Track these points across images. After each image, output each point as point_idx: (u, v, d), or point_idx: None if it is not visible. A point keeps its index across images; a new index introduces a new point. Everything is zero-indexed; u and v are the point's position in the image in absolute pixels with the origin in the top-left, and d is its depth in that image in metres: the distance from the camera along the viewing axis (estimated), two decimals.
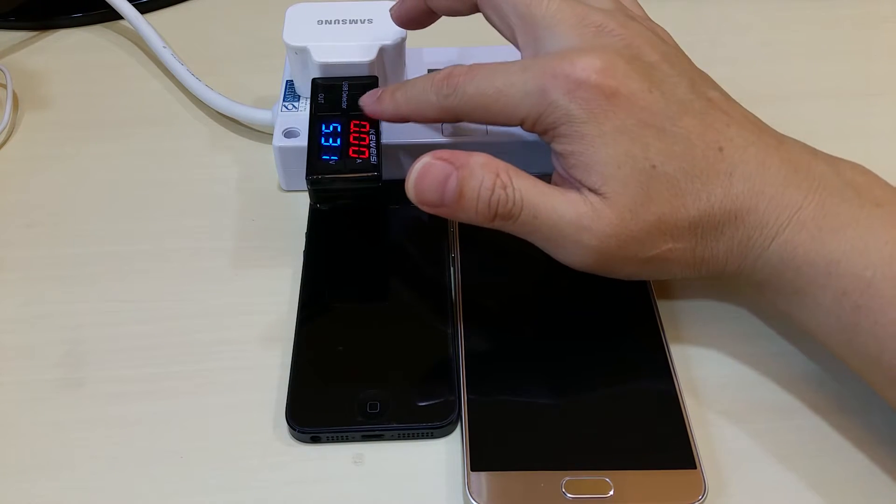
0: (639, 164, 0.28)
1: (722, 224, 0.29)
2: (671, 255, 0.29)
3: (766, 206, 0.28)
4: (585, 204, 0.29)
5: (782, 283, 0.29)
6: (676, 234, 0.29)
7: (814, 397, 0.32)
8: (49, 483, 0.30)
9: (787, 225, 0.28)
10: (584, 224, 0.29)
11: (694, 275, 0.31)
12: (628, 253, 0.29)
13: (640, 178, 0.28)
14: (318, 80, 0.37)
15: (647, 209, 0.28)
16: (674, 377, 0.31)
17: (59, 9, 0.50)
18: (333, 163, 0.33)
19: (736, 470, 0.30)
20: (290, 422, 0.30)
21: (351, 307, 0.34)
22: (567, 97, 0.28)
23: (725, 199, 0.28)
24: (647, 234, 0.29)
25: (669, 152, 0.28)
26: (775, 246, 0.28)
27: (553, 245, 0.30)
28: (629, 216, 0.28)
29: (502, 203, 0.29)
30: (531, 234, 0.30)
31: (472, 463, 0.29)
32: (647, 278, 0.33)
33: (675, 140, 0.28)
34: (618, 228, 0.28)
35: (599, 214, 0.28)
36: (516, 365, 0.32)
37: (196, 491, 0.29)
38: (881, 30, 0.51)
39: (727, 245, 0.29)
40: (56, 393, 0.32)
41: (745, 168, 0.29)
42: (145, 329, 0.34)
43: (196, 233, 0.38)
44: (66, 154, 0.42)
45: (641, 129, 0.28)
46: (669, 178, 0.28)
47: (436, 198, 0.29)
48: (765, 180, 0.28)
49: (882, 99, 0.46)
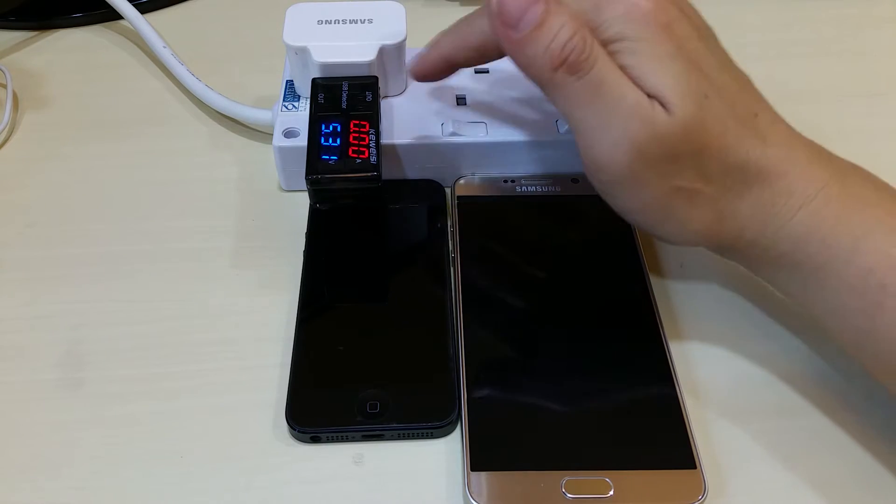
0: (694, 88, 0.27)
1: (751, 180, 0.28)
2: (698, 196, 0.28)
3: (796, 175, 0.28)
4: (649, 101, 0.27)
5: (803, 259, 0.28)
6: (710, 173, 0.28)
7: (814, 397, 0.32)
8: (49, 483, 0.30)
9: (814, 197, 0.28)
10: (641, 113, 0.27)
11: (706, 235, 0.30)
12: (664, 170, 0.28)
13: (697, 101, 0.27)
14: (318, 80, 0.37)
15: (699, 132, 0.27)
16: (674, 377, 0.31)
17: (59, 9, 0.50)
18: (333, 163, 0.33)
19: (736, 470, 0.30)
20: (290, 422, 0.30)
21: (351, 307, 0.34)
22: (622, 17, 0.27)
23: (761, 157, 0.28)
24: (690, 158, 0.28)
25: (719, 94, 0.28)
26: (801, 216, 0.28)
27: (601, 124, 0.28)
28: (681, 129, 0.27)
29: (578, 51, 0.27)
30: (586, 103, 0.28)
31: (472, 463, 0.29)
32: (656, 224, 0.30)
33: (721, 88, 0.28)
34: (670, 135, 0.27)
35: (656, 113, 0.27)
36: (516, 365, 0.32)
37: (196, 491, 0.29)
38: (881, 30, 0.51)
39: (751, 206, 0.29)
40: (56, 393, 0.32)
41: (776, 137, 0.29)
42: (145, 329, 0.34)
43: (196, 233, 0.38)
44: (66, 154, 0.42)
45: (693, 64, 0.28)
46: (720, 114, 0.28)
47: (516, 14, 0.27)
48: (794, 153, 0.29)
49: (882, 99, 0.46)
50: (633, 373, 0.32)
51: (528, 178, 0.38)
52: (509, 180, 0.38)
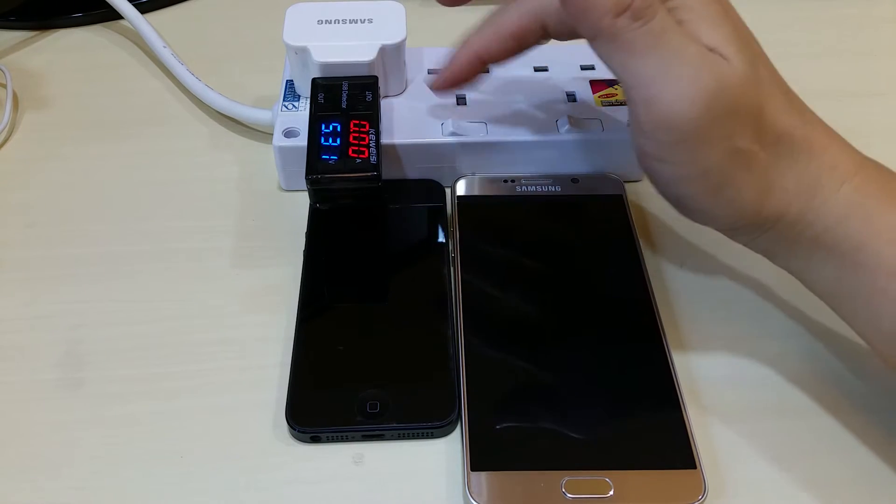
0: (746, 46, 0.27)
1: (799, 150, 0.28)
2: (754, 161, 0.27)
3: (837, 151, 0.28)
4: (711, 53, 0.27)
5: (843, 237, 0.28)
6: (765, 138, 0.27)
7: (814, 397, 0.32)
8: (49, 483, 0.30)
9: (856, 173, 0.28)
10: (708, 62, 0.26)
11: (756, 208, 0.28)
12: (727, 129, 0.26)
13: (752, 59, 0.27)
14: (318, 80, 0.37)
15: (756, 91, 0.27)
16: (674, 377, 0.31)
17: (59, 9, 0.50)
18: (333, 162, 0.34)
19: (736, 470, 0.30)
20: (290, 422, 0.30)
21: (351, 307, 0.34)
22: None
23: (804, 127, 0.28)
24: (750, 116, 0.27)
25: (765, 61, 0.28)
26: (845, 190, 0.28)
27: (665, 74, 0.26)
28: (742, 83, 0.26)
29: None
30: (650, 51, 0.26)
31: (472, 463, 0.29)
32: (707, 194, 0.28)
33: (763, 59, 0.28)
34: (734, 84, 0.26)
35: (722, 65, 0.26)
36: (516, 365, 0.32)
37: (196, 491, 0.29)
38: (881, 30, 0.51)
39: (797, 178, 0.28)
40: (56, 393, 0.32)
41: (812, 115, 0.29)
42: (145, 329, 0.34)
43: (196, 233, 0.38)
44: (66, 154, 0.42)
45: (742, 29, 0.28)
46: (768, 79, 0.28)
47: None
48: (831, 132, 0.29)
49: (882, 99, 0.46)
50: (633, 373, 0.32)
51: (528, 178, 0.38)
52: (509, 180, 0.38)
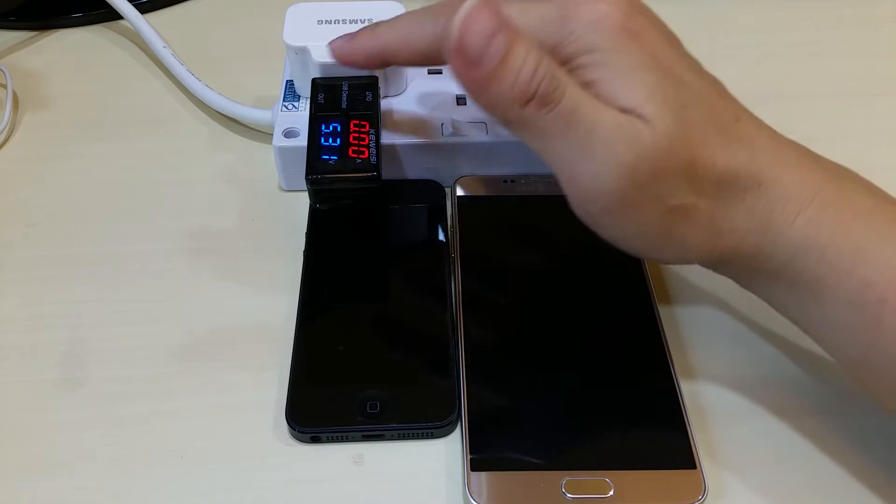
0: (671, 99, 0.26)
1: (745, 189, 0.27)
2: (693, 213, 0.27)
3: (789, 180, 0.27)
4: (627, 118, 0.26)
5: (801, 270, 0.27)
6: (702, 187, 0.27)
7: (814, 398, 0.32)
8: (49, 483, 0.30)
9: (810, 202, 0.27)
10: (623, 134, 0.25)
11: (707, 251, 0.28)
12: (656, 191, 0.26)
13: (675, 112, 0.26)
14: (318, 80, 0.37)
15: (683, 145, 0.26)
16: (674, 377, 0.31)
17: (59, 9, 0.50)
18: (333, 163, 0.33)
19: (736, 470, 0.30)
20: (290, 422, 0.30)
21: (351, 307, 0.34)
22: (589, 28, 0.26)
23: (751, 163, 0.27)
24: (680, 173, 0.26)
25: (696, 102, 0.27)
26: (799, 223, 0.27)
27: (581, 154, 0.26)
28: (666, 144, 0.26)
29: (546, 83, 0.25)
30: (562, 134, 0.26)
31: (472, 463, 0.29)
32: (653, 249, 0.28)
33: (699, 94, 0.27)
34: (656, 151, 0.26)
35: (640, 130, 0.26)
36: (516, 365, 0.32)
37: (196, 491, 0.29)
38: (881, 30, 0.51)
39: (747, 216, 0.27)
40: (56, 393, 0.32)
41: (762, 141, 0.28)
42: (145, 329, 0.34)
43: (196, 233, 0.38)
44: (66, 154, 0.42)
45: (667, 73, 0.27)
46: (700, 123, 0.27)
47: (478, 50, 0.25)
48: (785, 156, 0.28)
49: (883, 99, 0.46)
50: (633, 373, 0.32)
51: (528, 178, 0.38)
52: (509, 180, 0.38)
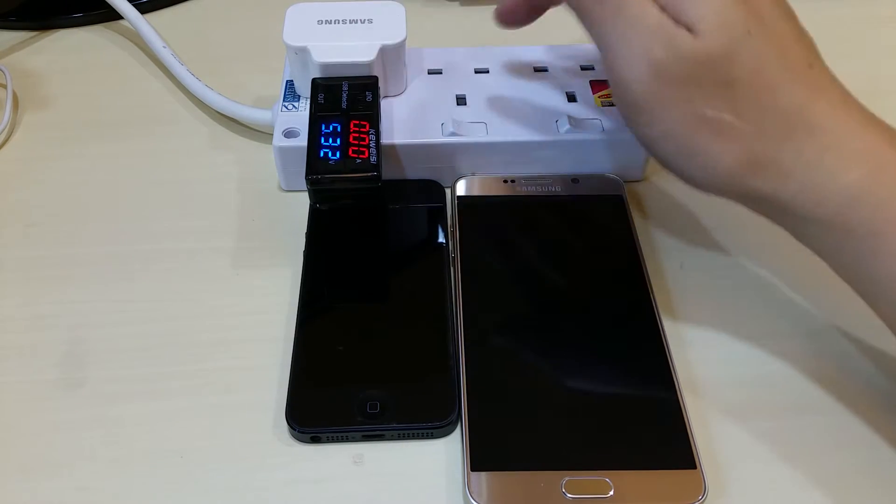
0: (737, 21, 0.26)
1: (793, 128, 0.27)
2: (728, 129, 0.27)
3: (847, 134, 0.27)
4: (675, 26, 0.27)
5: (857, 223, 0.27)
6: (743, 109, 0.27)
7: (814, 397, 0.32)
8: (49, 483, 0.30)
9: (867, 159, 0.27)
10: (663, 34, 0.26)
11: (742, 181, 0.28)
12: (685, 93, 0.27)
13: (734, 33, 0.26)
14: (318, 80, 0.37)
15: (727, 65, 0.26)
16: (674, 377, 0.31)
17: (59, 9, 0.50)
18: (333, 163, 0.33)
19: (736, 470, 0.30)
20: (290, 422, 0.30)
21: (351, 307, 0.34)
22: None
23: (805, 107, 0.27)
24: (714, 87, 0.27)
25: (767, 35, 0.27)
26: (856, 175, 0.26)
27: (618, 43, 0.27)
28: (705, 57, 0.26)
29: None
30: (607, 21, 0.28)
31: (472, 463, 0.29)
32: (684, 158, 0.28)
33: (773, 35, 0.27)
34: (690, 58, 0.26)
35: (681, 38, 0.26)
36: (516, 365, 0.32)
37: (196, 491, 0.29)
38: (881, 30, 0.51)
39: (793, 155, 0.27)
40: (56, 393, 0.32)
41: (830, 93, 0.28)
42: (145, 329, 0.34)
43: (196, 233, 0.38)
44: (66, 154, 0.42)
45: (745, 5, 0.27)
46: (759, 53, 0.27)
47: None
48: (847, 113, 0.27)
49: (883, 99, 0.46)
50: (633, 373, 0.32)
51: (528, 178, 0.38)
52: (509, 180, 0.38)
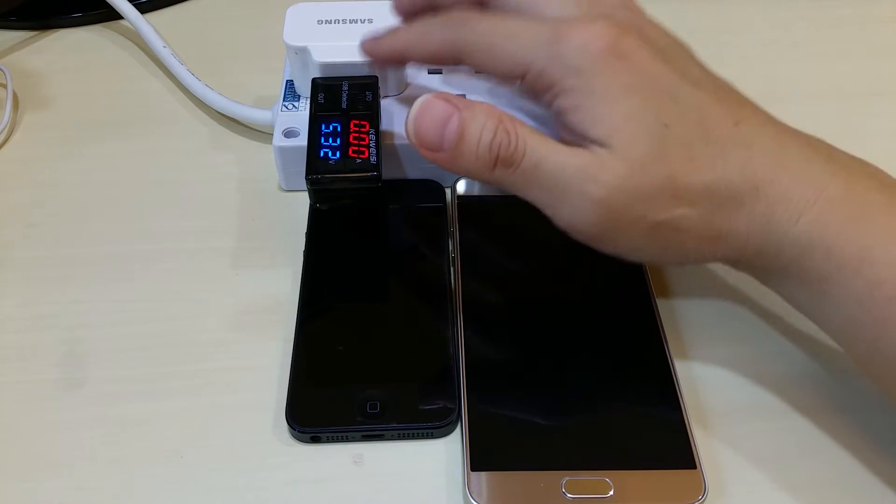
0: (650, 120, 0.27)
1: (741, 195, 0.27)
2: (684, 222, 0.27)
3: (789, 181, 0.27)
4: (592, 155, 0.27)
5: (809, 269, 0.27)
6: (690, 198, 0.27)
7: (814, 398, 0.32)
8: (49, 483, 0.30)
9: (814, 202, 0.27)
10: (590, 173, 0.27)
11: (711, 254, 0.29)
12: (636, 213, 0.27)
13: (651, 134, 0.27)
14: (318, 80, 0.37)
15: (658, 165, 0.27)
16: (674, 377, 0.31)
17: (59, 9, 0.50)
18: (333, 162, 0.33)
19: (736, 470, 0.30)
20: (290, 422, 0.30)
21: (351, 307, 0.34)
22: (578, 51, 0.27)
23: (745, 168, 0.27)
24: (657, 192, 0.27)
25: (684, 117, 0.27)
26: (804, 224, 0.27)
27: (555, 199, 0.28)
28: (638, 169, 0.27)
29: (504, 147, 0.27)
30: (532, 185, 0.28)
31: (472, 463, 0.29)
32: (655, 257, 0.29)
33: (690, 108, 0.28)
34: (626, 181, 0.27)
35: (606, 165, 0.27)
36: (516, 365, 0.32)
37: (196, 491, 0.29)
38: (881, 30, 0.51)
39: (748, 218, 0.27)
40: (56, 393, 0.32)
41: (764, 143, 0.28)
42: (145, 329, 0.34)
43: (196, 233, 0.38)
44: (66, 154, 0.42)
45: (653, 92, 0.27)
46: (683, 139, 0.27)
47: (435, 138, 0.28)
48: (786, 155, 0.28)
49: (883, 99, 0.46)
50: (633, 373, 0.32)
51: None
52: None
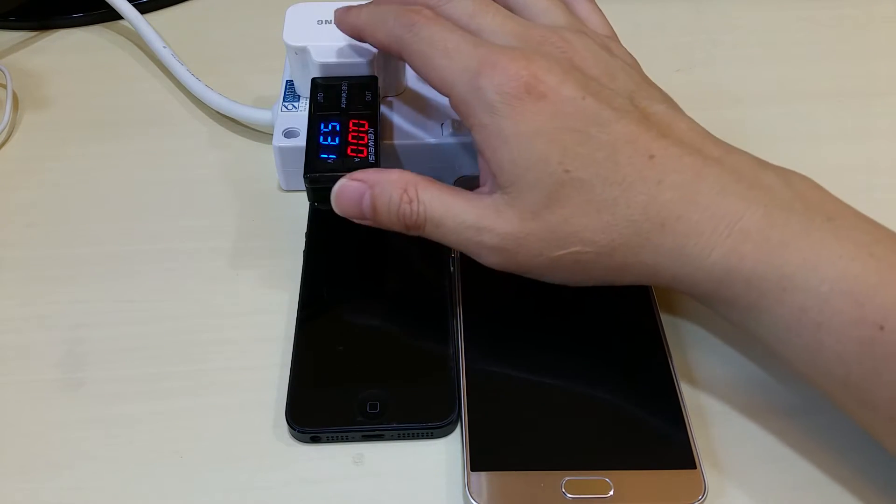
0: (550, 168, 0.28)
1: (645, 232, 0.28)
2: (584, 257, 0.29)
3: (699, 215, 0.27)
4: (489, 205, 0.29)
5: (733, 297, 0.28)
6: (586, 238, 0.28)
7: (814, 397, 0.32)
8: (49, 483, 0.30)
9: (727, 235, 0.27)
10: (483, 225, 0.29)
11: (621, 280, 0.30)
12: (532, 251, 0.29)
13: (549, 182, 0.28)
14: (318, 80, 0.37)
15: (551, 211, 0.28)
16: (674, 377, 0.31)
17: (59, 9, 0.50)
18: (332, 162, 0.33)
19: (736, 470, 0.30)
20: (290, 422, 0.30)
21: (351, 307, 0.34)
22: (495, 88, 0.28)
23: (649, 206, 0.28)
24: (550, 234, 0.29)
25: (589, 158, 0.28)
26: (717, 257, 0.27)
27: (463, 248, 0.30)
28: (529, 216, 0.28)
29: (408, 216, 0.30)
30: (443, 240, 0.30)
31: (472, 463, 0.29)
32: (566, 281, 0.31)
33: (599, 146, 0.28)
34: (516, 227, 0.29)
35: (500, 214, 0.29)
36: (516, 365, 0.32)
37: (196, 491, 0.29)
38: (881, 30, 0.51)
39: (654, 253, 0.28)
40: (56, 393, 0.32)
41: (677, 177, 0.28)
42: (145, 329, 0.34)
43: (196, 233, 0.38)
44: (66, 154, 0.42)
45: (563, 133, 0.28)
46: (583, 182, 0.28)
47: (357, 213, 0.31)
48: (699, 189, 0.28)
49: (883, 99, 0.46)
50: (633, 373, 0.32)
51: None
52: None
